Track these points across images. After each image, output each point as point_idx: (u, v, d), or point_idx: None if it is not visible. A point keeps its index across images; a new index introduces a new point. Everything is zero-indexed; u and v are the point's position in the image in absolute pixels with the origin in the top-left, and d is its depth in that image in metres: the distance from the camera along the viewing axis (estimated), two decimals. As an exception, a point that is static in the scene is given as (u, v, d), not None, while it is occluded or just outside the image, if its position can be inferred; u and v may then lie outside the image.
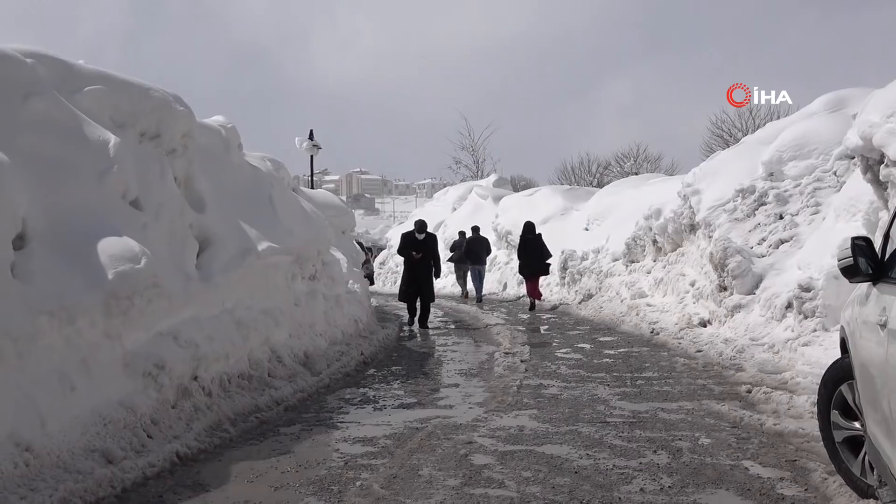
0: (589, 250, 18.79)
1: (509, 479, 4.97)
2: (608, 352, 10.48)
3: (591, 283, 17.48)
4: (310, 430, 6.39)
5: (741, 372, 8.31)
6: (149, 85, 7.96)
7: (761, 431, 6.05)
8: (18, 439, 4.56)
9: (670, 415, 6.68)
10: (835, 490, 4.56)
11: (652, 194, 17.66)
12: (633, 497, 4.59)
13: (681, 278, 13.46)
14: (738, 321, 10.23)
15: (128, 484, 4.84)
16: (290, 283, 9.62)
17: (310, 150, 27.86)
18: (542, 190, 28.46)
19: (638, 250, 16.30)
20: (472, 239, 20.55)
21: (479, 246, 20.34)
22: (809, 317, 8.81)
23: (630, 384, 8.13)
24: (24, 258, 5.29)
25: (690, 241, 13.82)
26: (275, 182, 10.66)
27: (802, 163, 11.76)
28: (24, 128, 6.15)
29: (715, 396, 7.36)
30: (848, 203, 9.48)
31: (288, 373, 8.10)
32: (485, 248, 20.62)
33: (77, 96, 6.99)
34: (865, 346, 3.92)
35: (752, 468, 5.14)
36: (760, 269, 10.63)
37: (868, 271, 4.00)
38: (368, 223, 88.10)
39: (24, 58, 6.65)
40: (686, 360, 9.50)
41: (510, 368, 9.28)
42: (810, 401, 6.29)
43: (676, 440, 5.84)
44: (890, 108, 7.92)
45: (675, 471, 5.09)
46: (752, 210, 11.83)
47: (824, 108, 13.32)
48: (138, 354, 5.95)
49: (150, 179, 7.18)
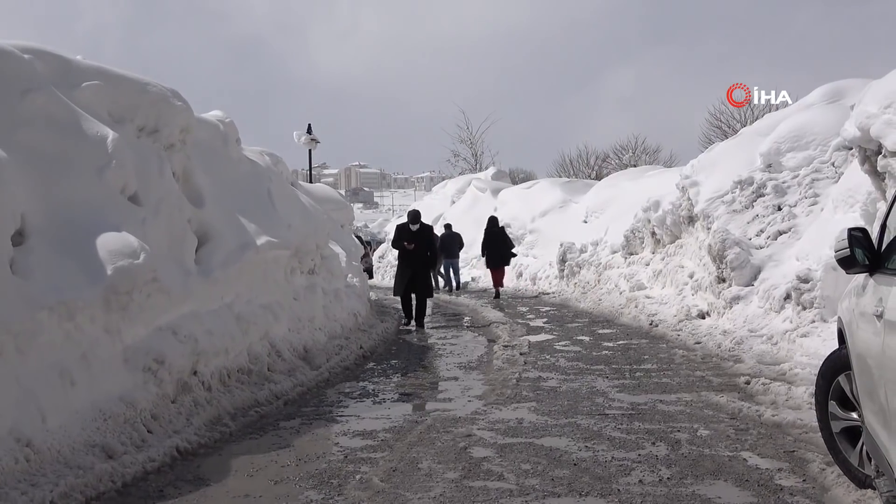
0: (587, 243, 18.81)
1: (508, 471, 4.99)
2: (607, 344, 10.50)
3: (590, 276, 17.50)
4: (309, 424, 6.41)
5: (740, 363, 8.33)
6: (146, 80, 7.95)
7: (760, 423, 6.07)
8: (19, 434, 4.57)
9: (669, 406, 6.70)
10: (833, 480, 4.58)
11: (650, 186, 17.65)
12: (632, 489, 4.61)
13: (679, 270, 13.47)
14: (737, 313, 10.25)
15: (128, 479, 4.86)
16: (290, 277, 9.63)
17: (308, 144, 27.80)
18: (541, 182, 28.41)
19: (636, 242, 16.31)
20: (444, 235, 21.35)
21: (451, 242, 21.42)
22: (808, 308, 8.83)
23: (629, 376, 8.15)
24: (24, 254, 5.30)
25: (689, 232, 13.82)
26: (273, 176, 10.65)
27: (800, 154, 11.75)
28: (23, 124, 6.15)
29: (713, 388, 7.38)
30: (846, 194, 9.48)
31: (287, 367, 8.12)
32: (457, 243, 21.59)
33: (75, 92, 6.98)
34: (862, 337, 3.93)
35: (750, 459, 5.16)
36: (759, 260, 10.64)
37: (865, 262, 4.01)
38: (367, 217, 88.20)
39: (21, 53, 6.64)
40: (685, 351, 9.52)
41: (509, 361, 9.30)
42: (808, 392, 6.31)
43: (675, 432, 5.86)
44: (887, 99, 7.91)
45: (673, 462, 5.11)
46: (750, 202, 11.83)
47: (822, 99, 13.31)
48: (138, 349, 5.97)
49: (149, 174, 7.18)
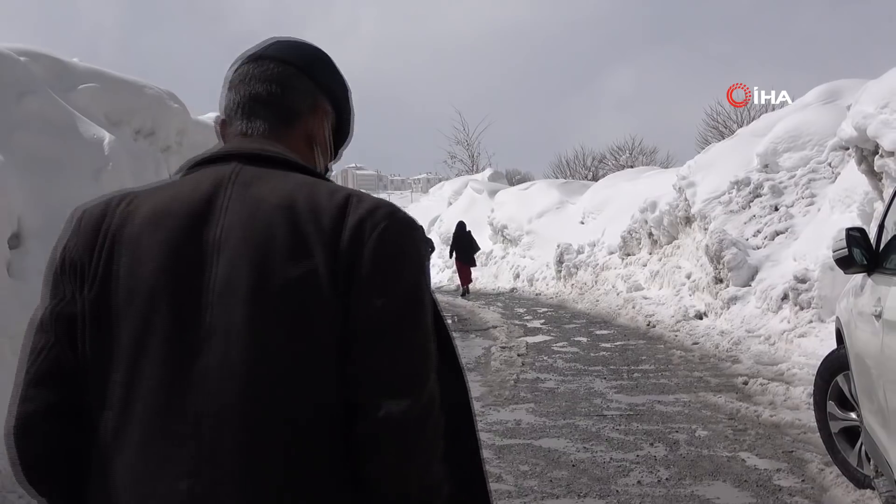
0: (585, 244, 18.80)
1: (507, 472, 4.98)
2: (605, 345, 10.49)
3: (587, 277, 17.50)
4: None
5: (737, 364, 8.33)
6: (143, 82, 7.95)
7: (758, 423, 6.07)
8: (16, 438, 4.55)
9: (667, 407, 6.70)
10: (831, 481, 4.58)
11: (647, 187, 17.65)
12: (631, 489, 4.61)
13: (677, 271, 13.48)
14: (734, 313, 10.25)
15: (126, 481, 4.84)
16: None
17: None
18: (538, 184, 28.40)
19: (634, 243, 16.32)
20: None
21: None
22: (805, 308, 8.84)
23: (627, 377, 8.14)
24: (21, 257, 5.29)
25: (686, 233, 13.84)
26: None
27: (797, 154, 11.77)
28: (19, 126, 6.15)
29: (711, 388, 7.38)
30: (843, 194, 9.50)
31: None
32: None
33: (72, 94, 6.98)
34: (861, 337, 3.93)
35: (748, 460, 5.16)
36: (756, 260, 10.65)
37: (863, 262, 4.01)
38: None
39: (18, 56, 6.64)
40: (682, 352, 9.51)
41: (507, 362, 9.29)
42: (806, 392, 6.31)
43: (673, 432, 5.86)
44: (884, 99, 7.94)
45: (672, 463, 5.11)
46: (747, 202, 11.85)
47: (818, 99, 13.33)
48: (135, 352, 5.95)
49: (146, 177, 7.16)
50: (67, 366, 1.21)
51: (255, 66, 1.33)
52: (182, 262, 1.17)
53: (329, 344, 1.14)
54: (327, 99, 1.38)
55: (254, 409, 1.11)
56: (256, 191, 1.20)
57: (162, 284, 1.16)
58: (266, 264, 1.14)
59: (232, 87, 1.34)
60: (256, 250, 1.15)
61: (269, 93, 1.32)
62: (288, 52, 1.36)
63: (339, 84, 1.41)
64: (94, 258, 1.20)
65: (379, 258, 1.15)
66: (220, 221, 1.18)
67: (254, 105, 1.32)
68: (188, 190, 1.22)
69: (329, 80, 1.39)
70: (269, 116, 1.31)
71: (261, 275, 1.14)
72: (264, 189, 1.20)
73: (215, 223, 1.18)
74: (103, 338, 1.18)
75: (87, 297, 1.19)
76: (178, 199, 1.21)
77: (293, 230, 1.15)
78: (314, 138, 1.36)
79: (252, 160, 1.24)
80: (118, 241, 1.19)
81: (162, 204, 1.21)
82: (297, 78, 1.34)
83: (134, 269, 1.18)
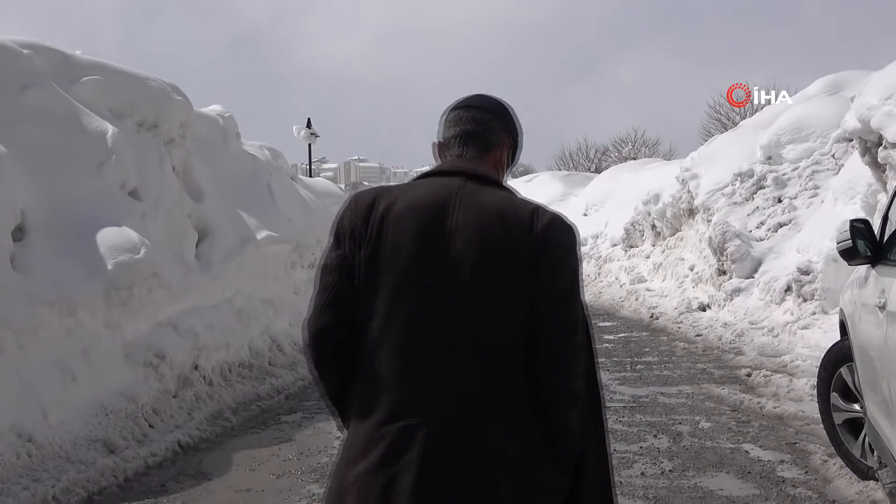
0: (588, 236, 18.81)
1: (510, 464, 4.98)
2: (608, 337, 10.49)
3: (591, 269, 17.50)
4: (311, 418, 6.41)
5: (741, 356, 8.33)
6: (146, 75, 7.93)
7: (761, 414, 6.07)
8: (21, 430, 4.57)
9: (670, 399, 6.70)
10: (835, 472, 4.58)
11: (650, 179, 17.66)
12: (635, 481, 4.61)
13: (680, 263, 13.47)
14: (738, 305, 10.24)
15: (130, 473, 4.86)
16: (290, 271, 9.63)
17: (307, 138, 27.70)
18: (541, 176, 28.45)
19: (637, 235, 16.31)
20: None
21: None
22: (808, 300, 8.83)
23: (630, 369, 8.14)
24: (24, 249, 5.29)
25: (689, 225, 13.82)
26: (273, 171, 10.63)
27: (801, 146, 11.75)
28: (22, 119, 6.14)
29: (715, 380, 7.38)
30: (846, 186, 9.47)
31: (288, 361, 8.11)
32: None
33: (74, 87, 6.97)
34: (864, 329, 3.93)
35: (752, 451, 5.16)
36: (759, 252, 10.64)
37: (867, 254, 4.00)
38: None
39: (21, 49, 6.63)
40: (686, 344, 9.51)
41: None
42: (810, 383, 6.31)
43: (677, 424, 5.86)
44: (888, 91, 7.91)
45: (675, 455, 5.11)
46: (750, 194, 11.83)
47: (822, 90, 13.31)
48: (139, 345, 5.96)
49: (149, 170, 7.16)
50: (346, 295, 1.82)
51: (466, 112, 1.98)
52: (430, 238, 1.78)
53: (522, 296, 1.76)
54: (510, 136, 2.01)
55: (474, 331, 1.75)
56: (478, 199, 1.82)
57: (417, 249, 1.77)
58: (487, 246, 1.76)
59: (449, 124, 1.99)
60: (480, 236, 1.77)
61: (476, 131, 1.96)
62: (487, 104, 2.01)
63: (517, 127, 2.04)
64: (368, 228, 1.81)
65: (555, 249, 1.79)
66: (455, 216, 1.79)
67: (466, 138, 1.96)
68: (432, 192, 1.84)
69: (512, 124, 2.02)
70: (475, 145, 1.95)
71: (483, 251, 1.76)
72: (482, 198, 1.82)
73: (452, 217, 1.79)
74: (374, 278, 1.79)
75: (364, 252, 1.80)
76: (425, 197, 1.83)
77: (503, 226, 1.78)
78: (500, 161, 1.99)
79: (472, 178, 1.86)
80: (386, 219, 1.80)
81: (415, 199, 1.82)
82: (493, 121, 1.98)
83: (397, 238, 1.78)
